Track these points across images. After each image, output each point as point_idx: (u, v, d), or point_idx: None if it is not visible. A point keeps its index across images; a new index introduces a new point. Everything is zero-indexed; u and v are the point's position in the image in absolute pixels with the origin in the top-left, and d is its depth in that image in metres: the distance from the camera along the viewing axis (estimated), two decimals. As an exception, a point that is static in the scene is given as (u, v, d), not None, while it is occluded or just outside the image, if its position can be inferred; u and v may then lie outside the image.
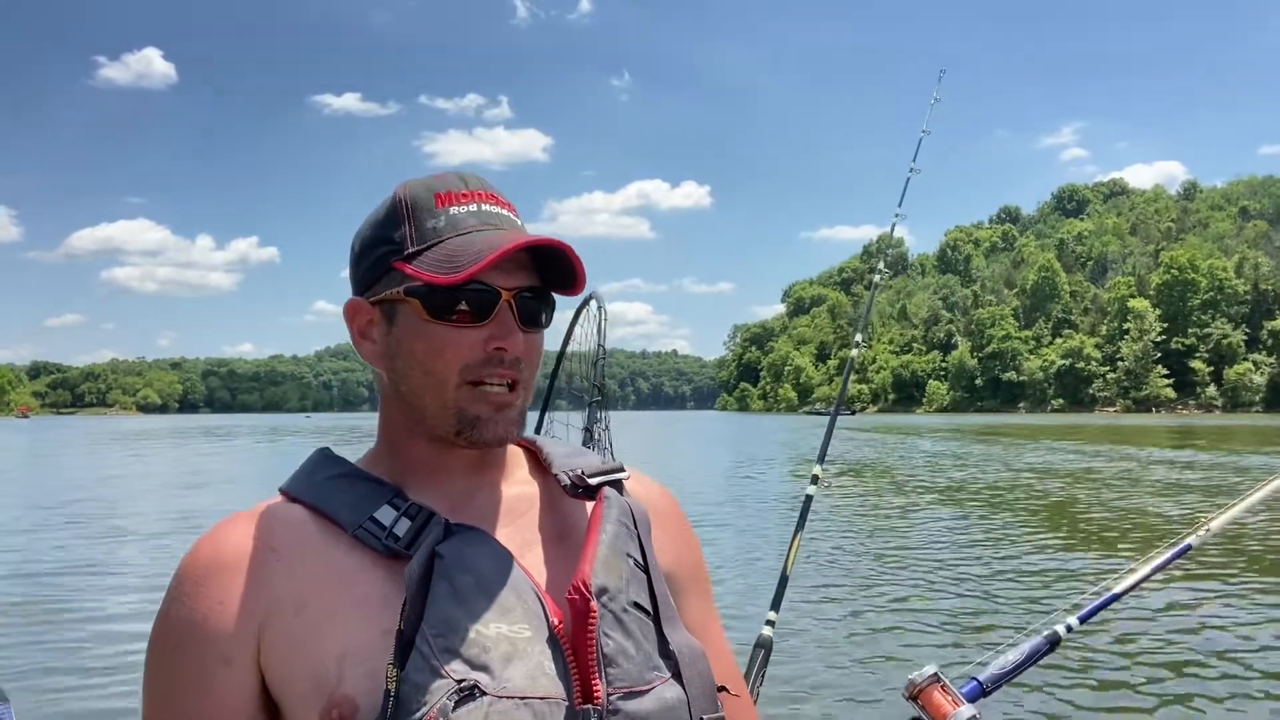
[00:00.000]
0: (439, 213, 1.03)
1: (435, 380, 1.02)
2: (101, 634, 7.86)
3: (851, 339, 2.89)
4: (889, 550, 12.18)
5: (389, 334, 1.05)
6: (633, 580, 1.02)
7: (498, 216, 1.05)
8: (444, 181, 1.06)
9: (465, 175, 1.08)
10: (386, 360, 1.06)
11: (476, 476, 1.09)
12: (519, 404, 1.05)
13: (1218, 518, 2.13)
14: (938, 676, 1.76)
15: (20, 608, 8.96)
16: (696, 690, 1.01)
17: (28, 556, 11.92)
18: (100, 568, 11.20)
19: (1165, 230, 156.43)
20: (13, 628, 8.15)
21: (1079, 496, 18.60)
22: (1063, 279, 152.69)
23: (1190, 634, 7.47)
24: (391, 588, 0.96)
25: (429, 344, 1.01)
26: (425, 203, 1.04)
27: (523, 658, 0.93)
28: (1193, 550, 2.12)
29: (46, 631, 8.01)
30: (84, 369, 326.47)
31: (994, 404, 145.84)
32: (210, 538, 1.03)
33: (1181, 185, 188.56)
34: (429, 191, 1.05)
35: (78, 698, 6.21)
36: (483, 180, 1.07)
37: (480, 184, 1.07)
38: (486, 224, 1.04)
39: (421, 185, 1.06)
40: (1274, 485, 2.15)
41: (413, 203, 1.04)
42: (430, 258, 1.01)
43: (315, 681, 0.94)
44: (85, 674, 6.72)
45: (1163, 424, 73.68)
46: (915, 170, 3.05)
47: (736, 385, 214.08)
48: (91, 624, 8.28)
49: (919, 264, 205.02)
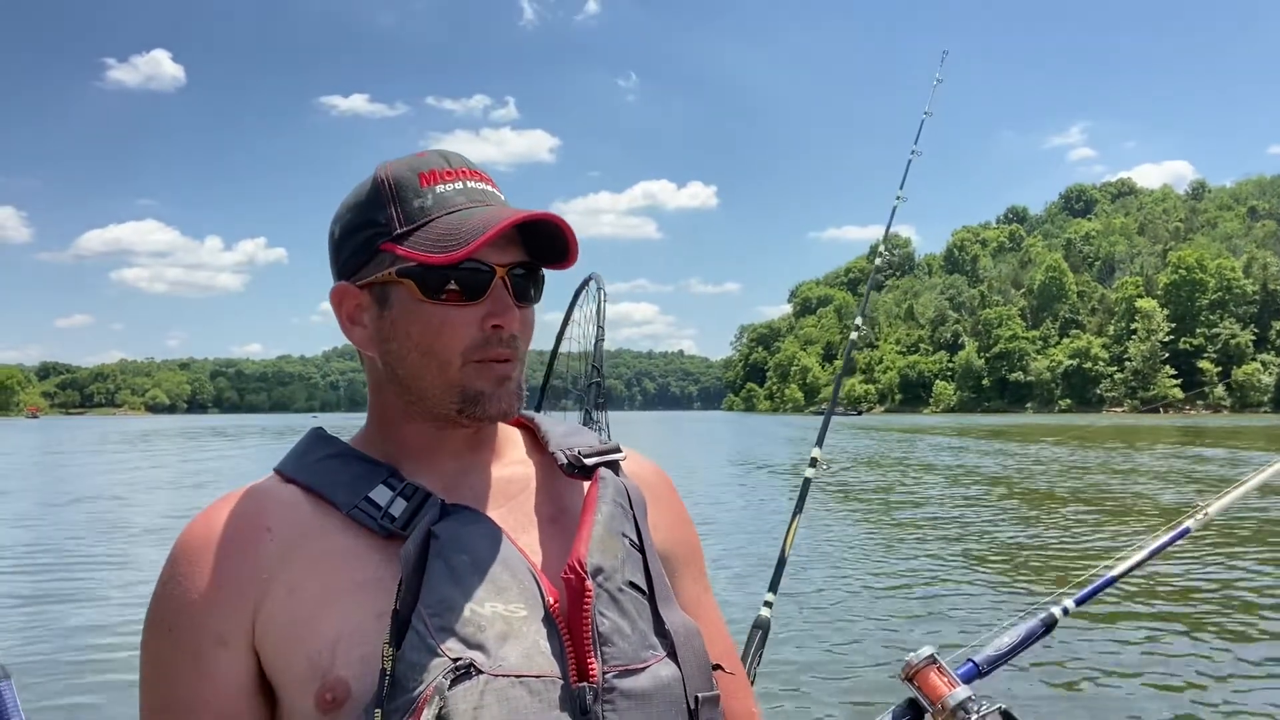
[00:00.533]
0: (425, 191, 1.02)
1: (436, 360, 1.01)
2: (106, 619, 7.92)
3: (854, 323, 2.88)
4: (887, 533, 12.25)
5: (381, 317, 1.03)
6: (628, 560, 1.02)
7: (484, 193, 1.04)
8: (426, 160, 1.04)
9: (446, 153, 1.06)
10: (380, 344, 1.04)
11: (472, 456, 1.09)
12: (517, 376, 1.05)
13: (1215, 502, 2.13)
14: (934, 658, 1.76)
15: (27, 593, 9.04)
16: (692, 668, 1.01)
17: (34, 548, 11.98)
18: (105, 559, 11.27)
19: (1173, 230, 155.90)
20: (17, 611, 8.24)
21: (1078, 485, 18.67)
22: (1070, 279, 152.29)
23: (1187, 617, 7.52)
24: (386, 569, 0.96)
25: (426, 324, 1.00)
26: (410, 182, 1.02)
27: (519, 637, 0.93)
28: (1191, 534, 2.13)
29: (50, 615, 8.10)
30: (93, 369, 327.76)
31: (1001, 404, 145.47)
32: (204, 517, 1.02)
33: (1190, 185, 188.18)
34: (412, 171, 1.03)
35: (79, 677, 6.31)
36: (464, 158, 1.06)
37: (462, 161, 1.06)
38: (475, 201, 1.03)
39: (404, 165, 1.04)
40: (1271, 471, 2.16)
41: (396, 182, 1.03)
42: (422, 237, 1.00)
43: (310, 664, 0.94)
44: (86, 659, 6.79)
45: (1170, 424, 73.50)
46: (917, 152, 3.04)
47: (743, 386, 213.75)
48: (94, 608, 8.34)
49: (926, 264, 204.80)
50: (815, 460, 2.36)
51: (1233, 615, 7.63)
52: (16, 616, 8.16)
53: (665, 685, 0.98)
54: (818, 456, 2.36)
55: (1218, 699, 5.72)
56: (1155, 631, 7.09)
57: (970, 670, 1.86)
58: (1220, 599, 8.16)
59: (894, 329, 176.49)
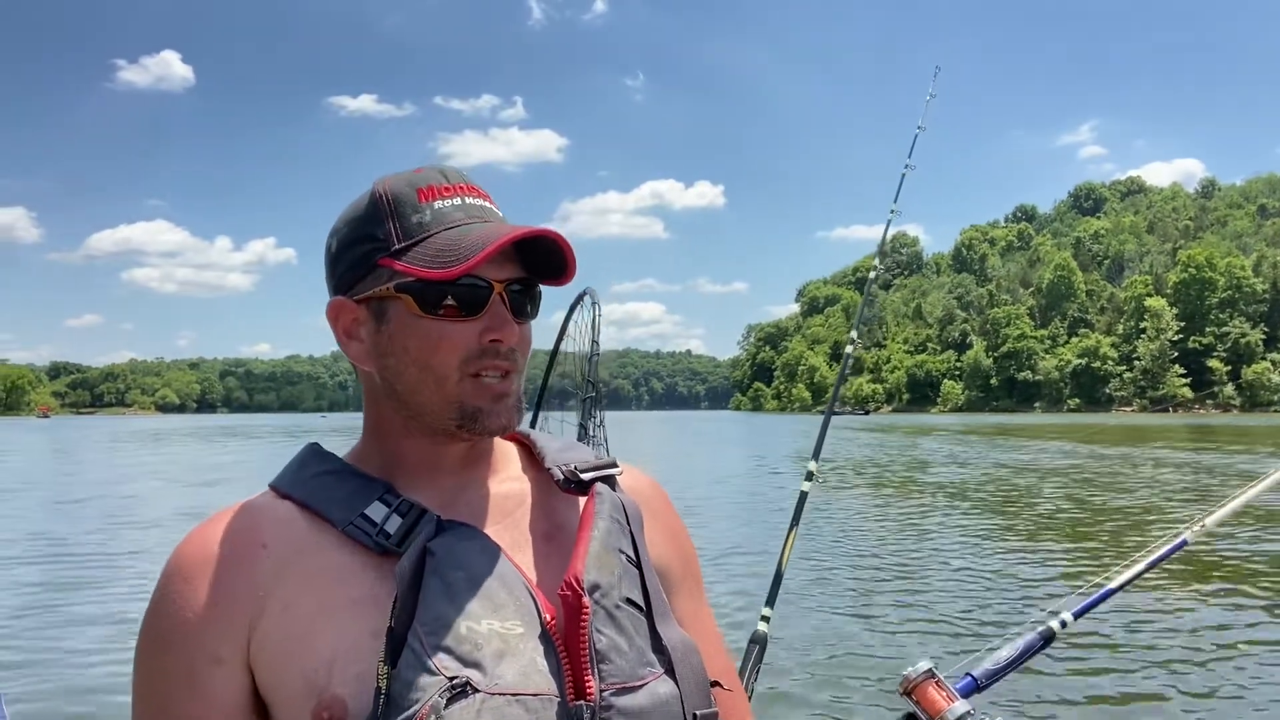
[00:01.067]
0: (423, 207, 1.02)
1: (434, 375, 1.01)
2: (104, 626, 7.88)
3: (848, 337, 2.89)
4: (884, 546, 12.20)
5: (378, 332, 1.03)
6: (625, 576, 1.02)
7: (482, 209, 1.05)
8: (424, 176, 1.05)
9: (444, 169, 1.06)
10: (377, 359, 1.04)
11: (468, 472, 1.08)
12: (515, 390, 1.05)
13: (1213, 514, 2.14)
14: (932, 672, 1.77)
15: (28, 598, 9.03)
16: (690, 685, 1.00)
17: (41, 544, 12.00)
18: (111, 561, 11.27)
19: (1183, 228, 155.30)
20: (11, 625, 8.19)
21: (1077, 494, 18.54)
22: (1079, 278, 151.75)
23: (1185, 629, 7.48)
24: (382, 586, 0.95)
25: (424, 340, 1.00)
26: (408, 197, 1.03)
27: (515, 654, 0.93)
28: (1188, 546, 2.13)
29: (47, 624, 8.10)
30: (103, 369, 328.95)
31: (1009, 404, 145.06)
32: (198, 534, 1.02)
33: (1200, 183, 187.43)
34: (410, 186, 1.03)
35: (72, 692, 6.27)
36: (462, 173, 1.07)
37: (460, 177, 1.06)
38: (473, 217, 1.03)
39: (402, 180, 1.05)
40: (1268, 482, 2.16)
41: (394, 198, 1.03)
42: (420, 253, 1.00)
43: (305, 682, 0.93)
44: (83, 667, 6.78)
45: (1179, 423, 73.22)
46: (911, 167, 3.05)
47: (750, 385, 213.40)
48: (97, 606, 8.32)
49: (934, 263, 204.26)
50: (812, 474, 2.36)
51: (1235, 627, 7.58)
52: (8, 624, 8.12)
53: (663, 703, 0.97)
54: (814, 470, 2.36)
55: (1221, 712, 5.69)
56: (1155, 643, 7.04)
57: (969, 684, 1.87)
58: (1223, 610, 8.11)
59: (901, 328, 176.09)
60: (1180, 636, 7.26)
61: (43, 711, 5.91)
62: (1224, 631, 7.46)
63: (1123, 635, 7.18)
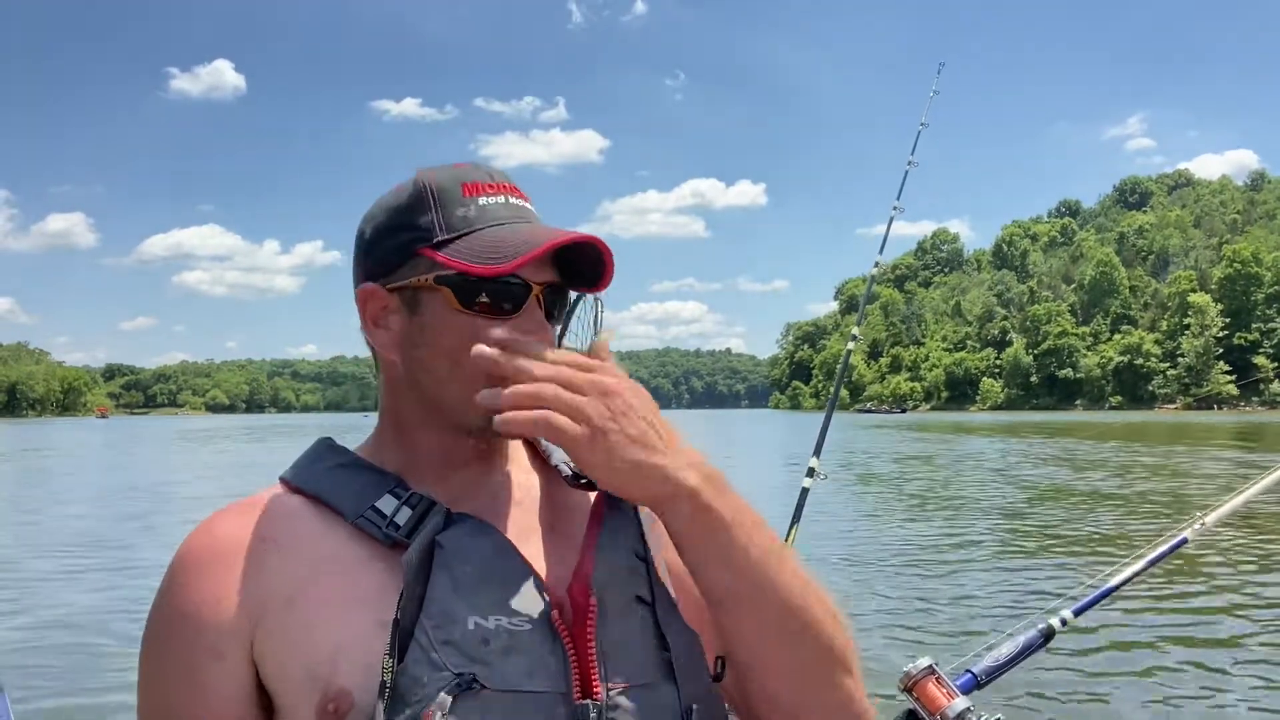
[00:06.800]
0: (468, 201, 1.01)
1: (464, 371, 0.99)
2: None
3: (848, 335, 2.92)
4: (884, 542, 12.11)
5: (410, 322, 1.02)
6: (633, 573, 1.01)
7: (525, 210, 1.05)
8: (468, 172, 1.04)
9: (487, 167, 1.06)
10: (405, 349, 1.03)
11: (480, 466, 1.08)
12: None
13: (1213, 512, 2.14)
14: (932, 669, 1.78)
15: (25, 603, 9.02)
16: (694, 685, 1.00)
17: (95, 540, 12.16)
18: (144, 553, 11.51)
19: (1230, 223, 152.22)
20: (14, 619, 8.23)
21: (1081, 490, 18.31)
22: (1122, 274, 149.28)
23: (1186, 627, 7.40)
24: (389, 578, 0.94)
25: (459, 335, 0.99)
26: (452, 191, 1.02)
27: (522, 651, 0.92)
28: (1189, 544, 2.14)
29: (51, 616, 8.17)
30: (155, 370, 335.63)
31: (1050, 401, 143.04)
32: (205, 528, 1.02)
33: (1250, 175, 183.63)
34: (455, 180, 1.03)
35: (77, 685, 6.30)
36: (505, 173, 1.06)
37: (504, 177, 1.06)
38: (518, 217, 1.03)
39: (446, 173, 1.04)
40: (1269, 480, 2.16)
41: (439, 189, 1.02)
42: (464, 246, 0.99)
43: (310, 675, 0.93)
44: (84, 667, 6.77)
45: (1223, 421, 71.80)
46: (913, 163, 3.05)
47: (789, 384, 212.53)
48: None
49: (974, 260, 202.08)
50: (813, 470, 2.39)
51: (1237, 625, 7.50)
52: (14, 625, 8.11)
53: (669, 702, 0.96)
54: (815, 466, 2.38)
55: (1222, 711, 5.64)
56: (1157, 641, 6.96)
57: (969, 681, 1.88)
58: (1223, 608, 8.01)
59: (940, 325, 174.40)
60: (1181, 634, 7.18)
61: (44, 711, 5.87)
62: (1225, 630, 7.38)
63: (1123, 633, 7.12)
